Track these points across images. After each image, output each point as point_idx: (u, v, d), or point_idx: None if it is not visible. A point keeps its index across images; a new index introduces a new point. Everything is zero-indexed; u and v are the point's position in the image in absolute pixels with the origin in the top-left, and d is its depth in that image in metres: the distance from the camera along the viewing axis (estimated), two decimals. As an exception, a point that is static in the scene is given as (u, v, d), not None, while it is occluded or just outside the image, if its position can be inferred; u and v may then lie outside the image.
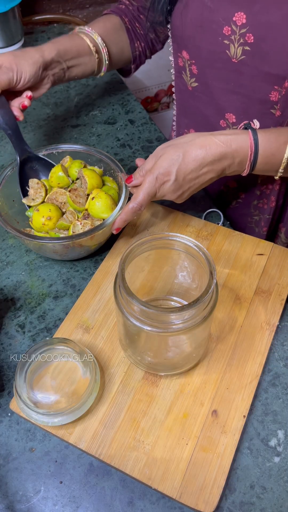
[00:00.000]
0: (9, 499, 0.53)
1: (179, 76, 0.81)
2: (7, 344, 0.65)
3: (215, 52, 0.69)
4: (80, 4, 1.26)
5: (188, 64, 0.75)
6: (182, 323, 0.49)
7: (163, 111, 1.54)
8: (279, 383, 0.61)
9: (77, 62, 0.78)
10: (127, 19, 0.84)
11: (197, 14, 0.69)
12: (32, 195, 0.71)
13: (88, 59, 0.79)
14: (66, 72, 0.78)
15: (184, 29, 0.72)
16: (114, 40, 0.82)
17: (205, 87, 0.76)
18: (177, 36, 0.74)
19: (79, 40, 0.78)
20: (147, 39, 0.86)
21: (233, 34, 0.66)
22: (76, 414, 0.54)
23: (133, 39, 0.85)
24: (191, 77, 0.77)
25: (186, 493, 0.51)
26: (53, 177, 0.72)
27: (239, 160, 0.63)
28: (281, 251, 0.72)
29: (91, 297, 0.67)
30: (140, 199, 0.64)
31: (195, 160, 0.61)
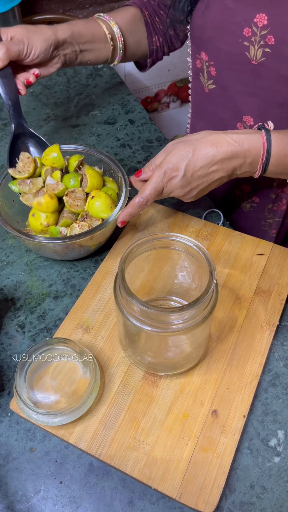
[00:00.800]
0: (9, 499, 0.53)
1: (196, 78, 0.80)
2: (7, 344, 0.65)
3: (234, 54, 0.69)
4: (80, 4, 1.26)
5: (206, 66, 0.75)
6: (182, 323, 0.49)
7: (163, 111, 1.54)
8: (279, 383, 0.61)
9: (91, 46, 0.77)
10: (147, 13, 0.83)
11: (217, 15, 0.68)
12: (20, 168, 0.69)
13: (103, 45, 0.79)
14: (79, 55, 0.77)
15: (204, 30, 0.71)
16: (132, 30, 0.82)
17: (223, 89, 0.75)
18: (197, 37, 0.74)
19: (95, 25, 0.78)
20: (165, 35, 0.85)
21: (253, 36, 0.65)
22: (76, 414, 0.54)
23: (151, 33, 0.84)
24: (208, 79, 0.77)
25: (186, 493, 0.51)
26: (48, 155, 0.70)
27: (251, 160, 0.62)
28: (281, 251, 0.72)
29: (91, 297, 0.67)
30: (147, 194, 0.63)
31: (205, 157, 0.61)
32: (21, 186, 0.68)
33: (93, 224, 0.68)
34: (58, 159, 0.69)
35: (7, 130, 0.96)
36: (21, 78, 0.71)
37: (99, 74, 1.09)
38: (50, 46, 0.70)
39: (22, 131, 0.71)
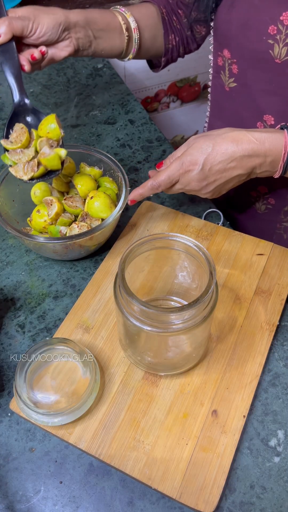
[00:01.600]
0: (9, 499, 0.53)
1: (217, 76, 0.80)
2: (7, 344, 0.65)
3: (258, 52, 0.68)
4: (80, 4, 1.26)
5: (228, 64, 0.74)
6: (182, 323, 0.49)
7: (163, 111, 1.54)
8: (279, 383, 0.61)
9: (105, 35, 0.75)
10: (165, 10, 0.81)
11: (243, 12, 0.68)
12: (13, 138, 0.65)
13: (118, 35, 0.76)
14: (93, 42, 0.74)
15: (228, 27, 0.71)
16: (148, 25, 0.80)
17: (244, 87, 0.75)
18: (220, 34, 0.73)
19: (110, 15, 0.76)
20: (182, 35, 0.83)
21: (278, 34, 0.65)
22: (76, 414, 0.54)
23: (168, 31, 0.82)
24: (229, 77, 0.76)
25: (186, 493, 0.51)
26: (44, 124, 0.65)
27: (272, 160, 0.62)
28: (281, 251, 0.72)
29: (91, 297, 0.67)
30: (160, 179, 0.64)
31: (224, 153, 0.61)
32: (10, 155, 0.65)
33: (93, 224, 0.68)
34: (54, 130, 0.65)
35: (7, 130, 0.96)
36: (26, 54, 0.68)
37: (99, 74, 1.09)
38: (58, 25, 0.68)
39: (23, 108, 0.68)
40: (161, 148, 0.92)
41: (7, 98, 1.03)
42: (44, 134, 0.65)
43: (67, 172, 0.74)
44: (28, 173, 0.64)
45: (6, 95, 1.04)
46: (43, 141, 0.64)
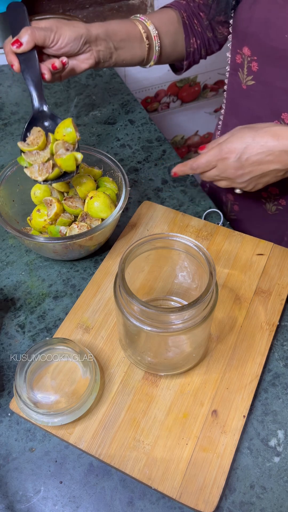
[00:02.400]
0: (9, 499, 0.53)
1: (234, 73, 0.79)
2: (7, 344, 0.65)
3: (279, 49, 0.68)
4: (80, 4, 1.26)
5: (248, 61, 0.74)
6: (182, 323, 0.49)
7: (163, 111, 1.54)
8: (279, 383, 0.61)
9: (126, 45, 0.76)
10: (185, 14, 0.82)
11: (265, 9, 0.68)
12: (30, 141, 0.66)
13: (138, 44, 0.77)
14: (114, 53, 0.75)
15: (249, 24, 0.71)
16: (168, 31, 0.80)
17: (263, 85, 0.75)
18: (240, 31, 0.73)
19: (130, 24, 0.77)
20: (203, 37, 0.84)
21: None
22: (76, 414, 0.54)
23: (189, 35, 0.82)
24: (248, 75, 0.76)
25: (186, 493, 0.51)
26: (61, 128, 0.66)
27: None
28: (281, 251, 0.72)
29: (91, 297, 0.67)
30: (199, 162, 0.66)
31: (263, 146, 0.62)
32: (26, 157, 0.65)
33: (93, 224, 0.68)
34: (70, 133, 0.66)
35: (7, 130, 0.96)
36: (47, 63, 0.69)
37: (99, 74, 1.09)
38: (80, 38, 0.69)
39: (42, 114, 0.69)
40: (161, 148, 0.92)
41: (7, 98, 1.03)
42: (61, 137, 0.66)
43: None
44: (43, 174, 0.65)
45: (6, 95, 1.04)
46: (59, 144, 0.65)
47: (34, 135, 0.67)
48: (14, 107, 1.01)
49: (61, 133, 0.66)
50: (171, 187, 0.85)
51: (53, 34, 0.67)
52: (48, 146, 0.66)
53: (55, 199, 0.70)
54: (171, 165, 0.89)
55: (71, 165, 0.65)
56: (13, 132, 0.95)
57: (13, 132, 0.95)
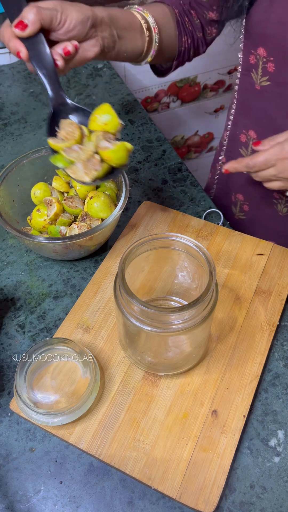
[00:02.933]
0: (9, 499, 0.53)
1: (247, 74, 0.78)
2: (7, 344, 0.65)
3: None
4: (80, 4, 1.26)
5: (263, 62, 0.73)
6: (182, 323, 0.49)
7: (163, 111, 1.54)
8: (279, 383, 0.61)
9: (128, 34, 0.69)
10: (177, 11, 0.78)
11: (283, 11, 0.67)
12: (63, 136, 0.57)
13: (139, 35, 0.71)
14: (117, 43, 0.68)
15: (265, 26, 0.69)
16: (164, 25, 0.75)
17: (279, 86, 0.74)
18: (255, 32, 0.72)
19: (130, 14, 0.71)
20: (194, 37, 0.80)
21: None
22: (76, 414, 0.54)
23: (181, 33, 0.78)
24: (262, 76, 0.75)
25: (186, 493, 0.51)
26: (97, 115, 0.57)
27: None
28: (281, 251, 0.72)
29: (91, 297, 0.67)
30: (257, 160, 0.64)
31: None
32: (67, 153, 0.55)
33: (93, 224, 0.68)
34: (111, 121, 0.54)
35: (7, 130, 0.96)
36: (58, 48, 0.60)
37: (99, 74, 1.09)
38: (87, 20, 0.61)
39: (62, 104, 0.60)
40: (161, 148, 0.92)
41: (7, 98, 1.03)
42: (99, 127, 0.56)
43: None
44: (91, 173, 0.55)
45: (6, 95, 1.04)
46: (99, 135, 0.55)
47: (66, 129, 0.57)
48: (14, 107, 1.01)
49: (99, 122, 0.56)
50: (171, 187, 0.85)
51: (59, 14, 0.58)
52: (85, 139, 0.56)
53: (55, 199, 0.70)
54: (171, 165, 0.89)
55: (123, 156, 0.55)
56: (13, 132, 0.95)
57: (13, 132, 0.95)
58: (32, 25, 0.56)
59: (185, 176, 0.87)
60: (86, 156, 0.55)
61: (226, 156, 0.90)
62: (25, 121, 0.98)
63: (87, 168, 0.54)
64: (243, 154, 0.84)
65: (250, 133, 0.82)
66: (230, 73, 1.51)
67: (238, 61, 0.79)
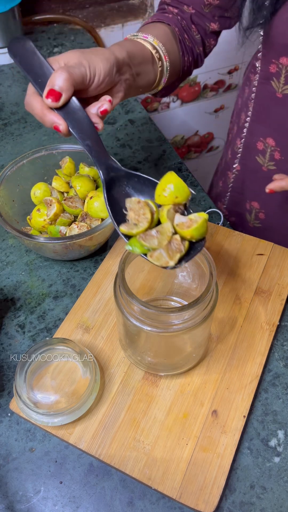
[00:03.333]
0: (9, 499, 0.53)
1: (266, 82, 0.77)
2: (7, 344, 0.65)
3: None
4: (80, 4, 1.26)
5: (286, 70, 0.71)
6: (182, 323, 0.49)
7: (163, 111, 1.54)
8: (279, 383, 0.61)
9: (143, 69, 0.64)
10: (177, 29, 0.73)
11: None
12: (133, 219, 0.49)
13: (151, 67, 0.66)
14: (134, 81, 0.63)
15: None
16: (170, 50, 0.70)
17: None
18: (278, 42, 0.70)
19: (140, 45, 0.65)
20: (194, 53, 0.76)
21: None
22: (76, 414, 0.54)
23: (184, 52, 0.74)
24: (285, 84, 0.73)
25: (186, 493, 0.51)
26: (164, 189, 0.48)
27: None
28: (281, 251, 0.72)
29: (91, 297, 0.67)
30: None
31: None
32: (146, 241, 0.47)
33: (93, 224, 0.68)
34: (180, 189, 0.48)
35: (7, 130, 0.96)
36: (92, 109, 0.54)
37: (99, 74, 1.09)
38: (113, 67, 0.56)
39: (115, 175, 0.53)
40: (161, 148, 0.92)
41: (7, 98, 1.03)
42: (170, 200, 0.49)
43: (67, 172, 0.74)
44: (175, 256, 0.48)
45: (6, 95, 1.04)
46: (171, 209, 0.49)
47: (135, 209, 0.49)
48: (14, 107, 1.01)
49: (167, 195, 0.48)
50: (171, 187, 0.85)
51: (87, 70, 0.53)
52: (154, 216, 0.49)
53: (55, 199, 0.70)
54: (171, 165, 0.89)
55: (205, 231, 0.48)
56: (13, 132, 0.95)
57: (13, 132, 0.95)
58: (65, 93, 0.51)
59: (185, 176, 0.87)
60: (166, 239, 0.48)
61: (241, 164, 0.89)
62: (25, 121, 0.98)
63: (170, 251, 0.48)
64: (260, 162, 0.83)
65: (268, 141, 0.81)
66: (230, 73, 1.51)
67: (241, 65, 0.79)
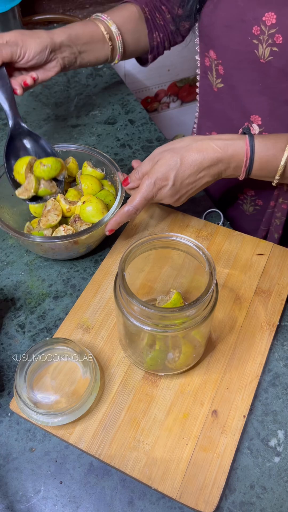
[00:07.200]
0: (9, 499, 0.53)
1: (205, 76, 0.80)
2: (7, 344, 0.65)
3: (242, 52, 0.69)
4: (80, 4, 1.26)
5: (215, 64, 0.75)
6: (182, 323, 0.49)
7: (163, 111, 1.54)
8: (279, 383, 0.61)
9: (89, 48, 0.77)
10: (147, 9, 0.83)
11: (226, 13, 0.68)
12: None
13: (101, 46, 0.79)
14: (78, 57, 0.77)
15: (212, 28, 0.71)
16: (130, 28, 0.82)
17: (231, 88, 0.75)
18: (205, 35, 0.74)
19: (92, 26, 0.78)
20: (166, 30, 0.85)
21: (262, 34, 0.65)
22: (76, 414, 0.54)
23: (151, 30, 0.84)
24: (217, 78, 0.76)
25: (186, 493, 0.51)
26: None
27: (235, 165, 0.64)
28: (281, 251, 0.72)
29: (91, 297, 0.67)
30: (136, 203, 0.64)
31: (192, 165, 0.62)
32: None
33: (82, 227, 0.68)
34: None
35: (7, 130, 0.96)
36: (18, 79, 0.71)
37: (99, 74, 1.09)
38: (45, 48, 0.71)
39: (20, 131, 0.71)
40: (161, 148, 0.92)
41: (7, 98, 1.03)
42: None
43: (69, 172, 0.73)
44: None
45: (6, 95, 1.04)
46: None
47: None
48: (14, 107, 1.01)
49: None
50: (171, 187, 0.85)
51: (19, 49, 0.69)
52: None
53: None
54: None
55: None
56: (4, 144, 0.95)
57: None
58: None
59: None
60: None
61: None
62: (25, 121, 0.97)
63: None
64: None
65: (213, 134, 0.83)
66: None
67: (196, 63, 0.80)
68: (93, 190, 0.70)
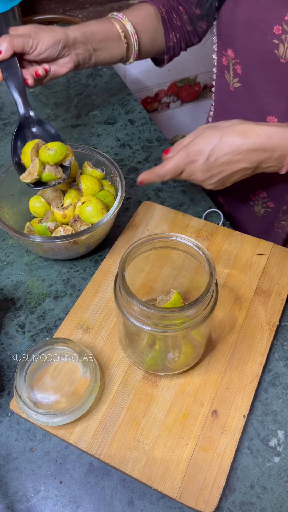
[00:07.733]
0: (9, 499, 0.53)
1: (221, 75, 0.79)
2: (7, 344, 0.65)
3: (262, 51, 0.68)
4: (80, 4, 1.26)
5: (233, 64, 0.74)
6: (182, 323, 0.49)
7: (163, 111, 1.54)
8: (279, 383, 0.61)
9: (104, 45, 0.76)
10: (164, 9, 0.82)
11: (247, 12, 0.68)
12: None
13: (116, 44, 0.78)
14: (93, 55, 0.76)
15: (232, 27, 0.70)
16: (146, 27, 0.80)
17: (248, 88, 0.74)
18: (224, 33, 0.73)
19: (108, 25, 0.77)
20: (183, 31, 0.84)
21: (283, 34, 0.64)
22: (76, 414, 0.54)
23: (168, 30, 0.82)
24: (234, 77, 0.75)
25: (186, 493, 0.51)
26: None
27: (279, 155, 0.61)
28: (281, 251, 0.72)
29: (91, 297, 0.67)
30: (166, 168, 0.64)
31: (231, 145, 0.61)
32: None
33: (81, 227, 0.68)
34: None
35: (7, 130, 0.96)
36: (30, 70, 0.70)
37: (99, 74, 1.09)
38: (58, 42, 0.70)
39: (29, 120, 0.71)
40: (161, 148, 0.92)
41: (7, 98, 1.03)
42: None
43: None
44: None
45: (6, 94, 1.04)
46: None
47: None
48: (14, 107, 1.01)
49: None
50: (171, 187, 0.85)
51: (31, 40, 0.68)
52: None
53: None
54: (171, 165, 0.89)
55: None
56: (13, 132, 0.95)
57: (13, 132, 0.95)
58: (5, 52, 0.66)
59: (185, 176, 0.87)
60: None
61: None
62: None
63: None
64: None
65: None
66: (230, 73, 1.51)
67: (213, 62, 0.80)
68: (93, 190, 0.70)
